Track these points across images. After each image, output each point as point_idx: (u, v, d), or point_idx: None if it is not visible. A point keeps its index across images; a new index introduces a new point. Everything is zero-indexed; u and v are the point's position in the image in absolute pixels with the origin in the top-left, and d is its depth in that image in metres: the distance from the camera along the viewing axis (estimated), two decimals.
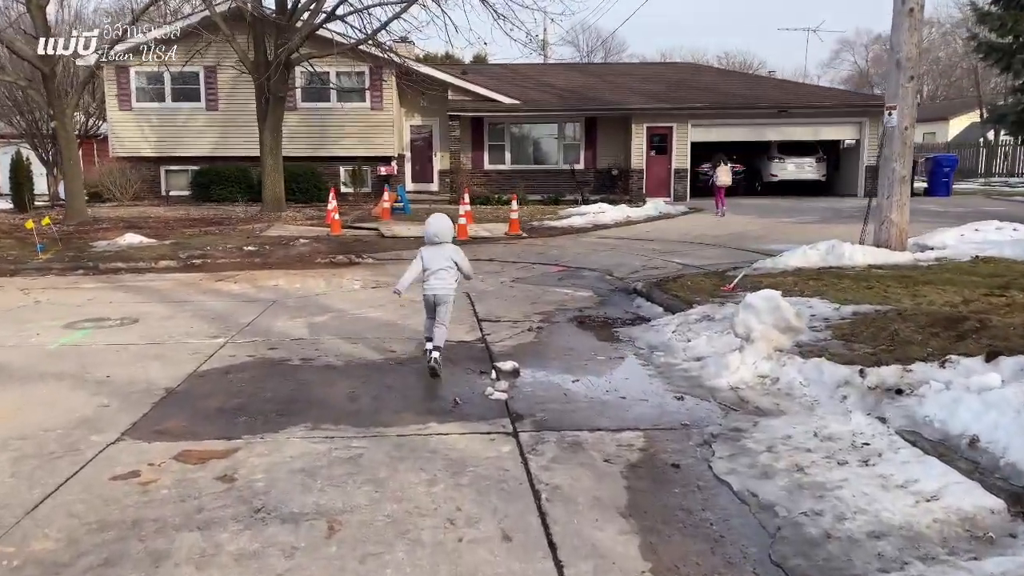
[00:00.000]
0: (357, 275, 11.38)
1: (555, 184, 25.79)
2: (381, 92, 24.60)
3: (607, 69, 29.53)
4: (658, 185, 24.67)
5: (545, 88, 26.67)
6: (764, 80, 28.67)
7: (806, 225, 15.74)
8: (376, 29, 17.78)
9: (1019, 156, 36.17)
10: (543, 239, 14.91)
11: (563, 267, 11.84)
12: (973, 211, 18.17)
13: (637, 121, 24.40)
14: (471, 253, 14.07)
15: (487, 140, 26.24)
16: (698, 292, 8.63)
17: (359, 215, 18.90)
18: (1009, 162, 37.04)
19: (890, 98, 10.54)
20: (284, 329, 7.64)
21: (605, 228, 16.39)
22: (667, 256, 12.20)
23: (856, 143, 25.47)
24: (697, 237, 14.37)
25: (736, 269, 10.30)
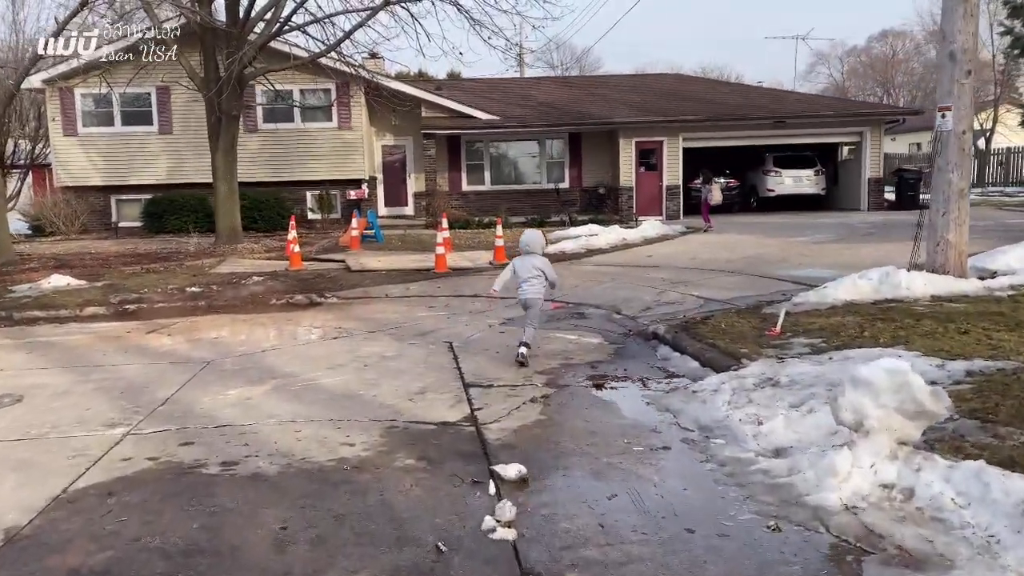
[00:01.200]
0: (317, 320, 9.55)
1: (539, 205, 24.11)
2: (349, 110, 22.86)
3: (590, 81, 28.04)
4: (649, 203, 23.06)
5: (525, 103, 25.05)
6: (756, 90, 27.28)
7: (824, 245, 14.12)
8: (339, 39, 16.07)
9: (1014, 163, 35.07)
10: None
11: (561, 304, 10.08)
12: (996, 224, 16.68)
13: (625, 136, 22.82)
14: (452, 289, 12.34)
15: (465, 160, 24.54)
16: (738, 339, 6.89)
17: (325, 245, 17.06)
18: (1004, 169, 35.93)
19: (942, 97, 8.92)
20: (210, 408, 5.79)
21: (601, 253, 14.67)
22: (680, 287, 10.48)
23: (856, 154, 24.06)
24: (707, 262, 12.69)
25: (772, 304, 8.59)
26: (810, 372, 5.40)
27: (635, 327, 8.38)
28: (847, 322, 7.08)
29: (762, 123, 23.02)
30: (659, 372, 6.51)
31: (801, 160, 24.58)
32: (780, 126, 23.08)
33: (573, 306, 9.89)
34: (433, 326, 8.92)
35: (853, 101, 35.26)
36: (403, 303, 10.62)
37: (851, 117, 23.33)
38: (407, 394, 6.02)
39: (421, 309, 10.13)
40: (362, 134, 22.94)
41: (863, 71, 77.66)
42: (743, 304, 8.89)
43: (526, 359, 6.79)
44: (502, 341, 7.90)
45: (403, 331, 8.67)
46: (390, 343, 8.03)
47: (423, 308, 10.18)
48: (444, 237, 14.09)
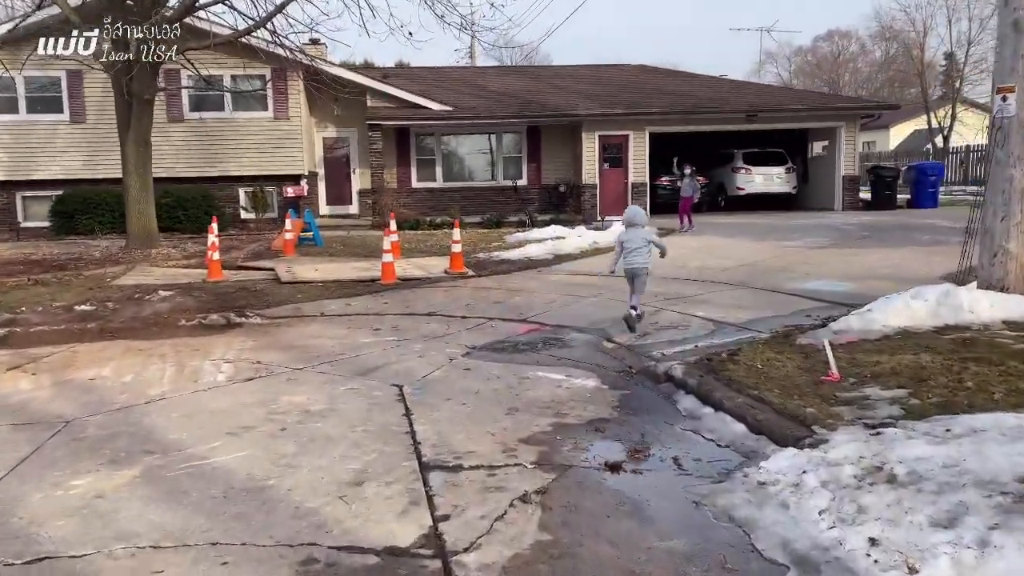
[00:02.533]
0: (231, 349, 7.56)
1: (496, 203, 22.26)
2: (286, 98, 20.67)
3: (550, 72, 26.27)
4: (614, 202, 21.38)
5: (480, 93, 23.16)
6: (725, 82, 25.85)
7: (823, 251, 12.55)
8: (270, 13, 13.95)
9: (974, 162, 34.40)
10: (496, 279, 11.29)
11: (536, 325, 8.25)
12: None
13: (588, 129, 21.10)
14: (402, 305, 10.37)
15: (414, 154, 22.54)
16: (789, 387, 5.15)
17: (255, 250, 14.93)
18: (964, 169, 35.29)
19: (1002, 76, 7.33)
20: (35, 518, 3.81)
21: (571, 259, 12.88)
22: (678, 304, 8.73)
23: (829, 151, 22.76)
24: (699, 271, 11.00)
25: (803, 331, 6.89)
26: (936, 458, 3.67)
27: (637, 362, 6.58)
28: (925, 363, 5.39)
29: (733, 116, 21.54)
30: (692, 440, 4.72)
31: (772, 157, 23.20)
32: (752, 120, 21.64)
33: (551, 329, 8.06)
34: (379, 359, 7.01)
35: (827, 94, 34.23)
36: (342, 324, 8.67)
37: (826, 111, 22.02)
38: (337, 486, 4.11)
39: (364, 333, 8.20)
40: (301, 125, 20.77)
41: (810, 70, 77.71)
42: (766, 330, 7.17)
43: (635, 322, 7.44)
44: (469, 385, 6.03)
45: (340, 367, 6.74)
46: (320, 387, 6.10)
47: (366, 331, 8.26)
48: (392, 241, 12.15)
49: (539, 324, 8.28)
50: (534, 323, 8.35)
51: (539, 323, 8.33)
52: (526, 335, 7.89)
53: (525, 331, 8.08)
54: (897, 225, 16.02)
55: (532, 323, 8.36)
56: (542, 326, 8.21)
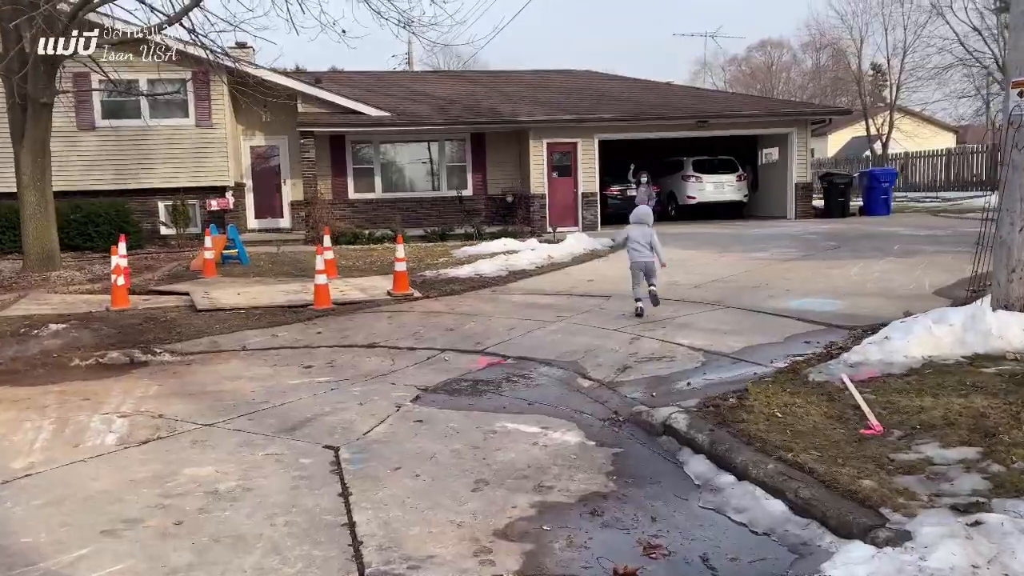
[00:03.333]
0: (130, 397, 6.22)
1: (439, 215, 21.04)
2: (209, 104, 19.12)
3: (494, 77, 25.21)
4: (563, 213, 20.41)
5: (420, 99, 21.94)
6: (674, 88, 25.20)
7: (795, 264, 11.71)
8: (186, 7, 12.50)
9: (917, 167, 34.62)
10: (446, 301, 10.09)
11: (496, 358, 7.11)
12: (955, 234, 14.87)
13: (535, 137, 20.08)
14: (338, 335, 9.07)
15: (351, 163, 21.17)
16: (823, 444, 4.13)
17: (173, 270, 13.42)
18: (905, 175, 35.49)
19: (1019, 69, 6.52)
20: None
21: (527, 276, 11.77)
22: (656, 329, 7.68)
23: (781, 157, 22.21)
24: (668, 288, 9.99)
25: (810, 363, 5.91)
26: None
27: (622, 406, 5.50)
28: (982, 408, 4.43)
29: (684, 123, 20.79)
30: (718, 525, 3.64)
31: (722, 165, 22.56)
32: (703, 126, 20.93)
33: (514, 362, 6.93)
34: (309, 407, 5.78)
35: (779, 100, 33.90)
36: (267, 361, 7.38)
37: (777, 116, 21.45)
38: None
39: (293, 372, 6.94)
40: (226, 132, 19.23)
41: (745, 80, 78.64)
42: (765, 362, 6.17)
43: (656, 300, 8.26)
44: (424, 444, 4.85)
45: (261, 421, 5.49)
46: (234, 453, 4.85)
47: (295, 370, 7.00)
48: (326, 260, 10.87)
49: (499, 357, 7.14)
50: (493, 355, 7.21)
51: (499, 355, 7.19)
52: (486, 370, 6.74)
53: (484, 365, 6.94)
54: (860, 234, 15.39)
55: (491, 355, 7.21)
56: (503, 359, 7.07)
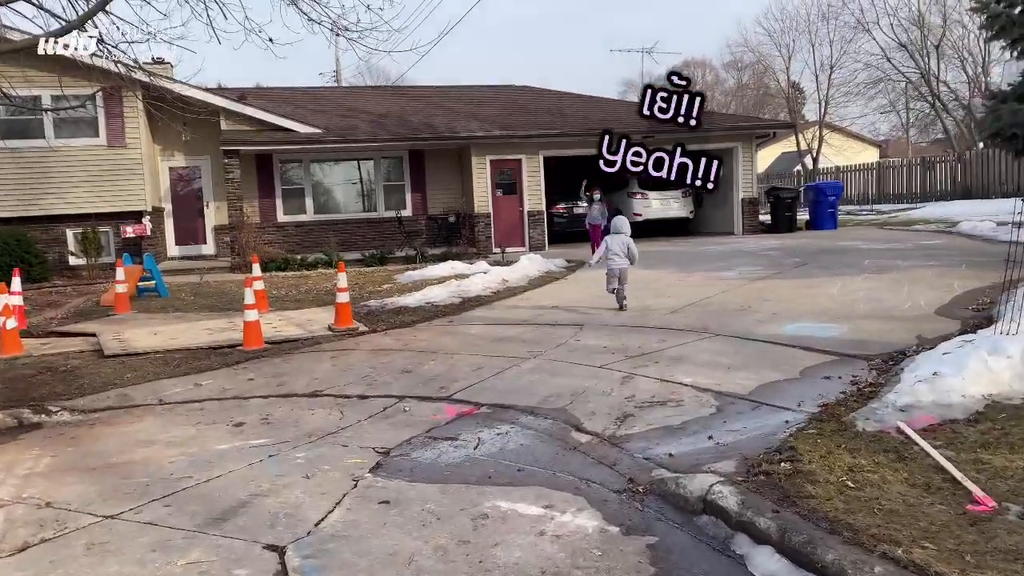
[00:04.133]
0: (12, 476, 4.94)
1: (377, 237, 19.82)
2: (122, 122, 17.54)
3: (431, 92, 24.13)
4: (510, 232, 19.44)
5: (354, 114, 20.72)
6: (619, 103, 24.60)
7: (768, 282, 10.94)
8: (90, 11, 11.07)
9: (849, 181, 34.91)
10: (398, 335, 8.93)
11: (468, 406, 6.00)
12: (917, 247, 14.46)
13: (478, 153, 19.09)
14: (273, 381, 7.56)
15: (280, 184, 19.79)
16: (926, 529, 3.18)
17: (80, 306, 11.88)
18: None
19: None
20: None
21: (483, 303, 10.69)
22: (648, 364, 6.69)
23: (725, 173, 21.73)
24: (643, 312, 9.08)
25: (850, 407, 5.01)
26: None
27: (636, 469, 4.47)
28: None
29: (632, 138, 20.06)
30: None
31: (667, 181, 21.89)
32: (649, 141, 20.23)
33: (490, 411, 5.84)
34: (242, 485, 4.58)
35: (724, 114, 33.68)
36: (188, 418, 6.12)
37: (723, 131, 20.99)
38: None
39: (220, 432, 5.71)
40: (141, 153, 17.65)
41: None
42: (791, 404, 5.24)
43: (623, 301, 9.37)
44: (395, 539, 3.72)
45: (179, 508, 4.27)
46: (143, 563, 3.63)
47: (224, 430, 5.76)
48: (256, 291, 9.61)
49: (470, 404, 6.04)
50: (463, 403, 6.10)
51: (470, 403, 6.08)
52: (457, 423, 5.63)
53: (453, 415, 5.83)
54: (819, 249, 14.84)
55: (460, 403, 6.11)
56: (475, 407, 5.97)
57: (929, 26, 32.85)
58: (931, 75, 33.13)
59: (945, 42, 32.65)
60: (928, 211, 25.47)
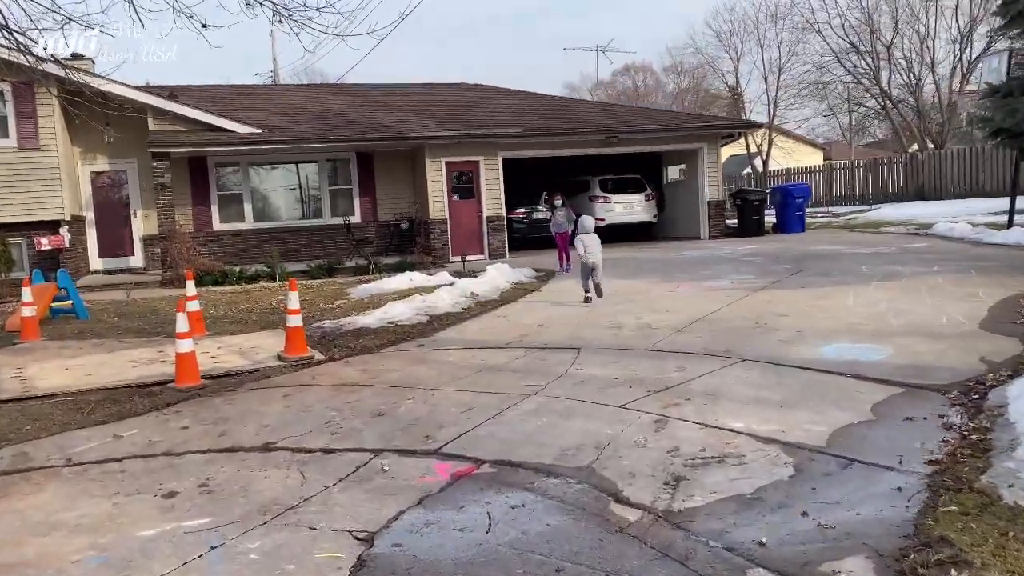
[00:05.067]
0: None
1: (324, 247, 18.36)
2: (35, 122, 15.76)
3: (380, 90, 22.67)
4: (467, 239, 18.18)
5: (297, 114, 19.21)
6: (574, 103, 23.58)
7: (771, 292, 9.90)
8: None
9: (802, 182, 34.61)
10: (362, 363, 7.59)
11: (465, 464, 4.73)
12: (903, 250, 13.73)
13: (432, 155, 17.80)
14: (213, 430, 5.28)
15: (215, 189, 18.16)
16: None
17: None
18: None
19: None
20: None
21: (456, 322, 9.41)
22: (678, 401, 5.52)
23: (690, 175, 20.89)
24: (644, 332, 7.94)
25: (962, 460, 3.94)
26: None
27: (720, 568, 3.28)
28: None
29: (594, 139, 19.10)
30: None
31: (629, 184, 21.04)
32: (611, 142, 19.29)
33: (494, 470, 4.61)
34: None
35: (689, 114, 32.89)
36: (104, 487, 4.72)
37: (688, 131, 20.12)
38: None
39: (145, 509, 4.34)
40: (58, 156, 15.87)
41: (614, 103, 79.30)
42: (889, 460, 4.14)
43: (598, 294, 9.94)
44: None
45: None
46: None
47: (149, 507, 4.39)
48: (191, 312, 8.19)
49: (467, 461, 4.79)
50: (457, 458, 4.84)
51: (467, 458, 4.83)
52: (454, 489, 4.37)
53: (447, 477, 4.58)
54: (803, 254, 13.99)
55: (454, 458, 4.85)
56: (474, 464, 4.73)
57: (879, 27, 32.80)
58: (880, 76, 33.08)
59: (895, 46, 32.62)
60: (885, 213, 25.11)
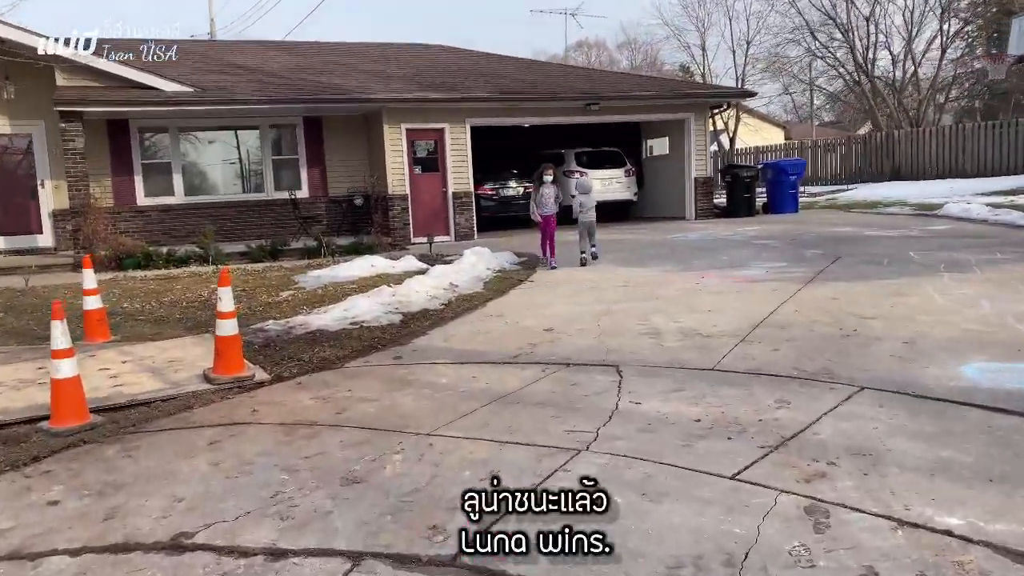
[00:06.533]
0: None
1: (267, 225, 16.08)
2: None
3: (330, 48, 20.25)
4: (431, 218, 16.10)
5: (236, 72, 16.79)
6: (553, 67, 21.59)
7: (828, 286, 8.07)
8: None
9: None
10: (319, 384, 5.53)
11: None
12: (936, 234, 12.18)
13: (391, 121, 15.61)
14: (97, 504, 4.07)
15: (139, 157, 15.70)
16: None
17: None
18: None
19: None
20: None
21: (438, 323, 7.38)
22: (827, 475, 3.61)
23: (674, 148, 19.11)
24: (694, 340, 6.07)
25: None
26: None
27: None
28: None
29: (574, 105, 17.15)
30: None
31: (607, 158, 19.16)
32: (591, 109, 17.35)
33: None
34: None
35: (676, 80, 30.95)
36: None
37: (676, 99, 18.30)
38: None
39: None
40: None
41: None
42: None
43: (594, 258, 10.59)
44: None
45: None
46: None
47: None
48: (92, 311, 6.04)
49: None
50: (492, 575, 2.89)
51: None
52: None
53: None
54: (822, 237, 12.32)
55: (486, 574, 2.90)
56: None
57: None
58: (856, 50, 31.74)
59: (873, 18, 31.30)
60: (865, 192, 23.78)
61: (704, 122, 18.55)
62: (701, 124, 18.41)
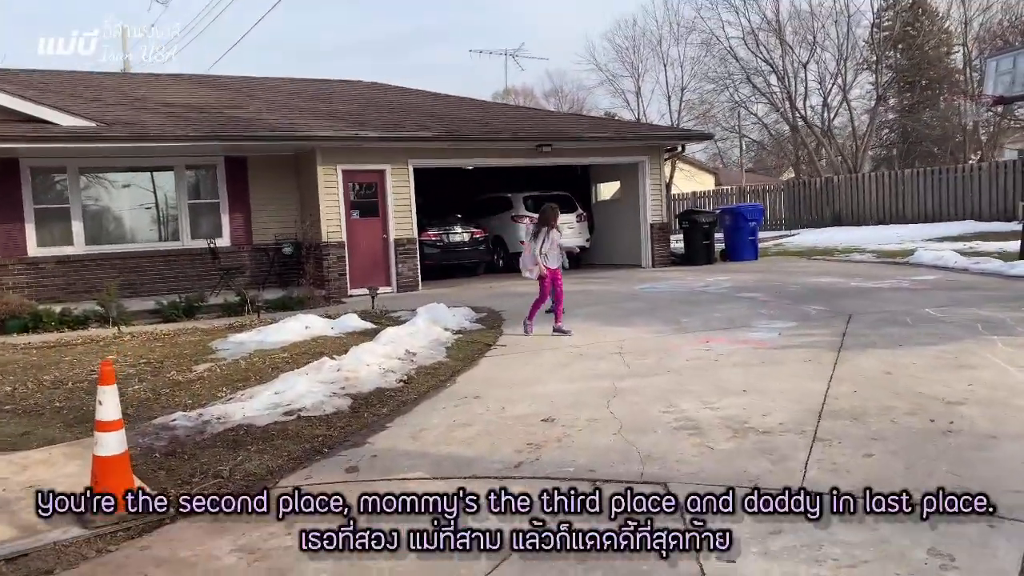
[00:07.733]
0: None
1: (182, 277, 14.18)
2: None
3: (255, 84, 18.49)
4: (370, 267, 14.47)
5: (147, 107, 14.95)
6: (500, 107, 20.35)
7: (874, 353, 6.76)
8: None
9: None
10: (248, 528, 3.89)
11: None
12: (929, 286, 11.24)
13: (326, 161, 14.00)
14: None
15: (31, 202, 13.63)
16: None
17: None
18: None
19: None
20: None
21: (399, 410, 5.78)
22: None
23: (630, 192, 18.02)
24: (756, 445, 4.64)
25: None
26: None
27: None
28: None
29: (524, 147, 15.89)
30: None
31: (557, 203, 17.89)
32: (543, 151, 16.12)
33: None
34: None
35: (631, 122, 30.03)
36: None
37: (632, 141, 17.25)
38: None
39: None
40: None
41: None
42: None
43: None
44: None
45: None
46: None
47: None
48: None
49: None
50: None
51: None
52: None
53: None
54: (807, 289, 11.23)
55: None
56: None
57: (792, 45, 31.54)
58: (795, 96, 31.77)
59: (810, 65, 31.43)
60: (814, 238, 23.29)
61: (659, 165, 17.54)
62: (656, 167, 17.40)
